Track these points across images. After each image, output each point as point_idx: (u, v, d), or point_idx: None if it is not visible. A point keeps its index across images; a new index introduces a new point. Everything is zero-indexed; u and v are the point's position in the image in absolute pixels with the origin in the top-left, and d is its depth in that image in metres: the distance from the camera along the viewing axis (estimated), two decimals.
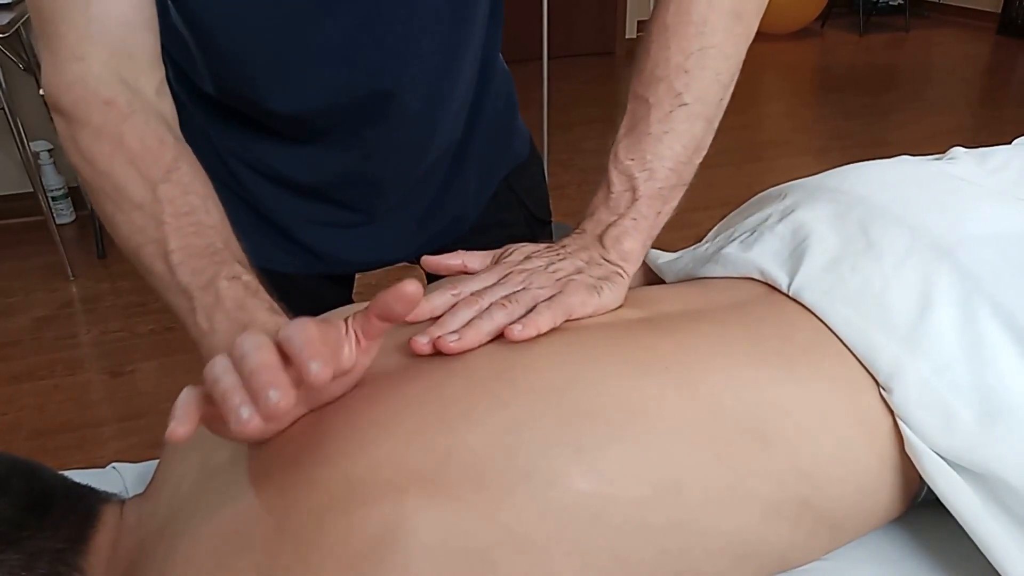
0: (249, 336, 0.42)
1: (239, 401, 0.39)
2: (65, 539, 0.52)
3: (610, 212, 0.62)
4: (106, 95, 0.56)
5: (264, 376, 0.39)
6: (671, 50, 0.62)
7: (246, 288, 0.53)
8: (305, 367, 0.39)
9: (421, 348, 0.52)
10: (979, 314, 0.54)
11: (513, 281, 0.57)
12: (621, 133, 0.63)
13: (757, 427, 0.51)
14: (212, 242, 0.55)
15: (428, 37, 0.69)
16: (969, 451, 0.51)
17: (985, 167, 0.69)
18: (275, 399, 0.38)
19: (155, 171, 0.56)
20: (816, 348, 0.56)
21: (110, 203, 0.56)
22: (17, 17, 2.29)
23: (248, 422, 0.39)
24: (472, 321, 0.53)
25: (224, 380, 0.41)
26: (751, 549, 0.50)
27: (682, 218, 0.65)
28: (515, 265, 0.59)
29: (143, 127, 0.57)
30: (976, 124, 3.71)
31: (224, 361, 0.42)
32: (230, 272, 0.53)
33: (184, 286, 0.53)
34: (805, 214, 0.65)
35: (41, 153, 2.71)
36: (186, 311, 0.53)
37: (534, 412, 0.48)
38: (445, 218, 0.85)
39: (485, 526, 0.44)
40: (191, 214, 0.55)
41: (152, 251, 0.55)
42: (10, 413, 1.91)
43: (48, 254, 2.55)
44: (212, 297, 0.52)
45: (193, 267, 0.53)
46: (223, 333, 0.51)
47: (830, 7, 5.23)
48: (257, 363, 0.40)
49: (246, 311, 0.51)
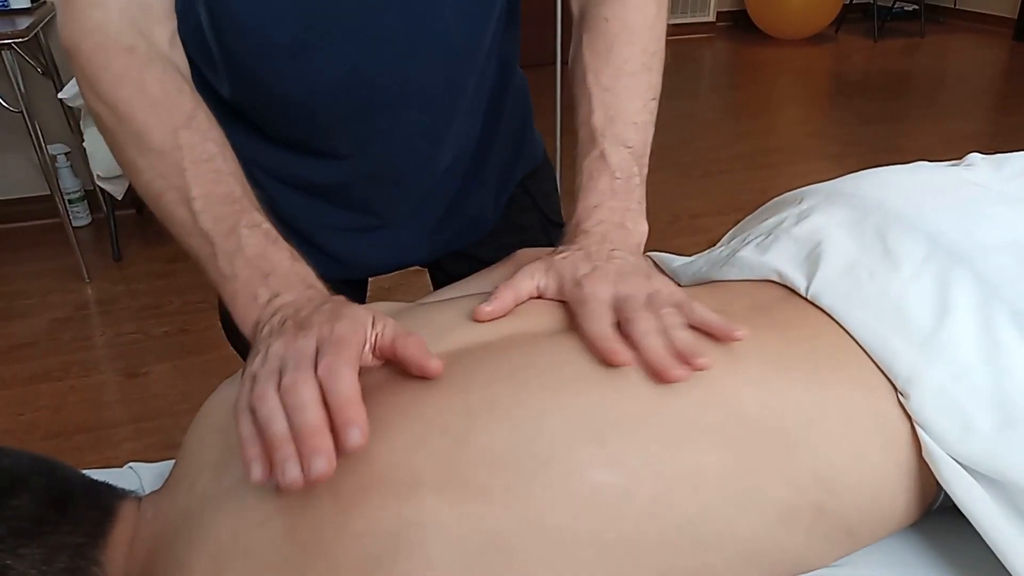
0: (299, 379, 0.44)
1: (288, 455, 0.42)
2: (84, 534, 0.52)
3: (620, 200, 0.63)
4: (127, 42, 0.58)
5: (312, 441, 0.42)
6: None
7: (266, 236, 0.55)
8: (343, 433, 0.42)
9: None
10: (997, 321, 0.54)
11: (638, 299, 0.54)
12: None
13: (779, 432, 0.51)
14: (232, 190, 0.56)
15: (438, 41, 0.69)
16: (986, 457, 0.50)
17: (1002, 173, 0.69)
18: (321, 468, 0.41)
19: (176, 117, 0.57)
20: (839, 353, 0.55)
21: (131, 148, 0.57)
22: (36, 22, 2.32)
23: (294, 480, 0.42)
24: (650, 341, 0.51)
25: (275, 426, 0.43)
26: (765, 551, 0.50)
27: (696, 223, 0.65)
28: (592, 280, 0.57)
29: (162, 74, 0.58)
30: (992, 130, 3.69)
31: (273, 401, 0.44)
32: (250, 220, 0.55)
33: (206, 232, 0.54)
34: (821, 218, 0.65)
35: (58, 156, 2.73)
36: (207, 256, 0.54)
37: (559, 402, 0.48)
38: (463, 221, 0.86)
39: (503, 514, 0.45)
40: (211, 161, 0.56)
41: (174, 198, 0.56)
42: (27, 414, 1.93)
43: (64, 256, 2.57)
44: (234, 244, 0.54)
45: (215, 214, 0.55)
46: (244, 279, 0.53)
47: (844, 13, 5.22)
48: (306, 423, 0.43)
49: (267, 259, 0.54)
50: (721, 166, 3.24)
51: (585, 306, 0.54)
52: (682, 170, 3.21)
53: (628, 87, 0.66)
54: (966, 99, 4.13)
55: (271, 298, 0.52)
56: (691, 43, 5.34)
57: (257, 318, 0.52)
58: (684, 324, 0.52)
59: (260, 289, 0.53)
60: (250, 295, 0.53)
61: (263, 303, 0.52)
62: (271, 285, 0.53)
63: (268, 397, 0.44)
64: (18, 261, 2.69)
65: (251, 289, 0.53)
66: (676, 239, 2.60)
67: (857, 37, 5.39)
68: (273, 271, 0.53)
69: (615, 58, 0.67)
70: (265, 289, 0.53)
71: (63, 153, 2.75)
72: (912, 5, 5.46)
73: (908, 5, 5.48)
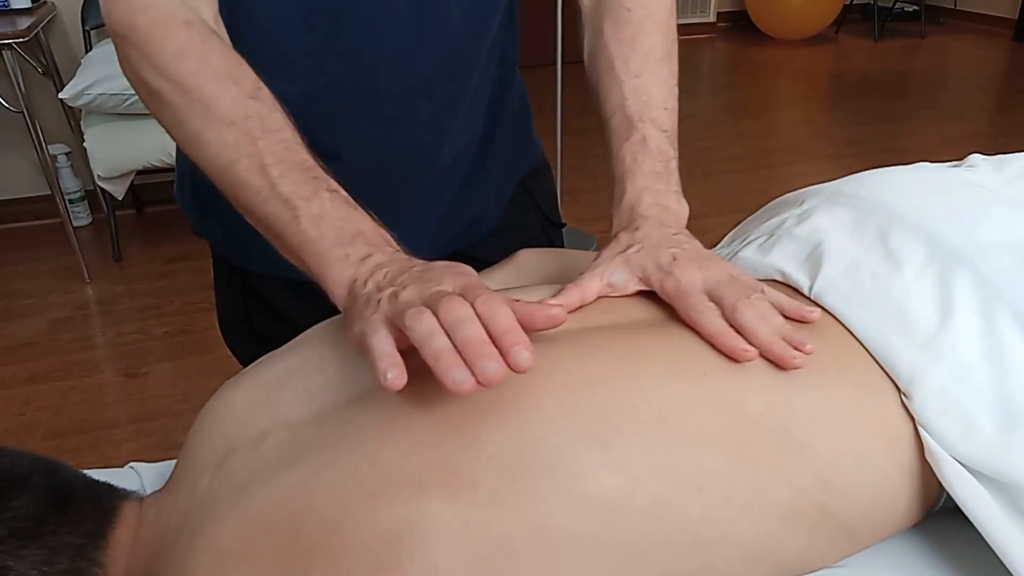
0: (457, 302, 0.44)
1: (455, 363, 0.42)
2: (85, 534, 0.52)
3: (664, 182, 0.64)
4: (184, 16, 0.57)
5: (479, 348, 0.42)
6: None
7: (346, 201, 0.55)
8: (512, 354, 0.42)
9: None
10: (999, 322, 0.54)
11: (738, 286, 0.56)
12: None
13: (783, 435, 0.51)
14: (305, 158, 0.56)
15: (443, 29, 0.69)
16: (989, 458, 0.50)
17: (1003, 174, 0.69)
18: (493, 370, 0.41)
19: (245, 87, 0.57)
20: (844, 354, 0.55)
21: (196, 120, 0.57)
22: (36, 22, 2.32)
23: (464, 383, 0.41)
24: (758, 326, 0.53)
25: (436, 340, 0.43)
26: (767, 552, 0.50)
27: (697, 224, 0.65)
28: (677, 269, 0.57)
29: (222, 47, 0.58)
30: (992, 131, 3.69)
31: (431, 320, 0.44)
32: (328, 185, 0.55)
33: (287, 197, 0.54)
34: (823, 219, 0.65)
35: (59, 156, 2.73)
36: (287, 220, 0.54)
37: (566, 406, 0.48)
38: (464, 221, 0.86)
39: (506, 515, 0.45)
40: (281, 130, 0.56)
41: (247, 165, 0.55)
42: (27, 414, 1.93)
43: (64, 256, 2.57)
44: (317, 207, 0.54)
45: (294, 179, 0.55)
46: (332, 238, 0.53)
47: (845, 13, 5.22)
48: (471, 334, 0.43)
49: (352, 221, 0.54)
50: (722, 167, 3.25)
51: (688, 299, 0.54)
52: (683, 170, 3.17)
53: (656, 74, 0.68)
54: (966, 100, 4.13)
55: (365, 256, 0.52)
56: (691, 44, 5.34)
57: (354, 275, 0.51)
58: (775, 310, 0.54)
59: (350, 248, 0.52)
60: (340, 254, 0.52)
61: (357, 260, 0.52)
62: (361, 245, 0.53)
63: (425, 317, 0.44)
64: (18, 261, 2.69)
65: (341, 248, 0.52)
66: None
67: (857, 38, 5.39)
68: (360, 232, 0.53)
69: (641, 45, 0.68)
70: (356, 248, 0.52)
71: (63, 153, 2.75)
72: (912, 6, 5.46)
73: (908, 6, 5.48)
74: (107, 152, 2.35)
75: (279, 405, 0.55)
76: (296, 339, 0.62)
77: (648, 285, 0.58)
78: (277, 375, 0.58)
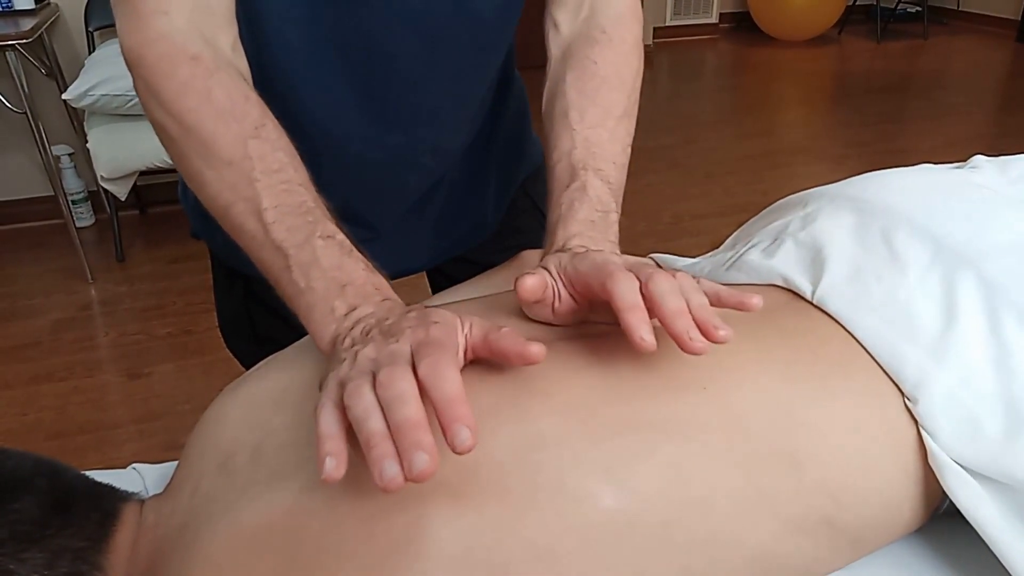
0: (396, 374, 0.42)
1: (386, 454, 0.39)
2: (87, 537, 0.52)
3: (599, 231, 0.61)
4: (192, 50, 0.56)
5: (414, 435, 0.39)
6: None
7: (341, 247, 0.53)
8: (452, 431, 0.39)
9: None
10: (1004, 324, 0.53)
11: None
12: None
13: (789, 449, 0.50)
14: (304, 200, 0.54)
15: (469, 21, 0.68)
16: (994, 461, 0.50)
17: (1007, 175, 0.69)
18: (423, 465, 0.38)
19: (244, 127, 0.55)
20: (847, 361, 0.55)
21: (197, 159, 0.55)
22: (40, 23, 2.32)
23: (393, 480, 0.38)
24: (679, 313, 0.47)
25: (370, 423, 0.40)
26: (773, 564, 0.50)
27: (699, 224, 0.65)
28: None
29: (229, 83, 0.56)
30: (996, 132, 3.68)
31: (368, 396, 0.42)
32: (324, 231, 0.53)
33: (279, 244, 0.53)
34: (827, 222, 0.65)
35: (62, 157, 2.73)
36: (280, 269, 0.53)
37: (566, 427, 0.48)
38: (464, 225, 0.85)
39: (508, 539, 0.44)
40: (281, 171, 0.55)
41: (243, 209, 0.54)
42: (30, 414, 1.93)
43: (67, 257, 2.57)
44: (308, 255, 0.52)
45: (288, 225, 0.53)
46: (321, 291, 0.51)
47: (847, 14, 5.21)
48: (405, 417, 0.40)
49: (343, 271, 0.52)
50: (724, 167, 3.24)
51: (605, 268, 0.50)
52: (685, 171, 3.21)
53: (612, 130, 0.66)
54: (969, 101, 4.12)
55: (349, 311, 0.51)
56: (694, 44, 5.34)
57: (336, 331, 0.50)
58: (700, 291, 0.50)
59: (337, 301, 0.51)
60: (327, 308, 0.51)
61: (340, 316, 0.51)
62: (348, 297, 0.51)
63: (364, 393, 0.42)
64: (21, 262, 2.69)
65: (328, 302, 0.51)
66: (679, 240, 2.60)
67: (860, 38, 5.39)
68: (350, 282, 0.52)
69: (602, 100, 0.67)
70: (342, 301, 0.51)
71: (67, 154, 2.75)
72: (915, 7, 5.46)
73: (911, 7, 5.48)
74: (110, 153, 2.36)
75: (273, 422, 0.54)
76: (298, 344, 0.62)
77: (568, 280, 0.54)
78: (274, 388, 0.57)
